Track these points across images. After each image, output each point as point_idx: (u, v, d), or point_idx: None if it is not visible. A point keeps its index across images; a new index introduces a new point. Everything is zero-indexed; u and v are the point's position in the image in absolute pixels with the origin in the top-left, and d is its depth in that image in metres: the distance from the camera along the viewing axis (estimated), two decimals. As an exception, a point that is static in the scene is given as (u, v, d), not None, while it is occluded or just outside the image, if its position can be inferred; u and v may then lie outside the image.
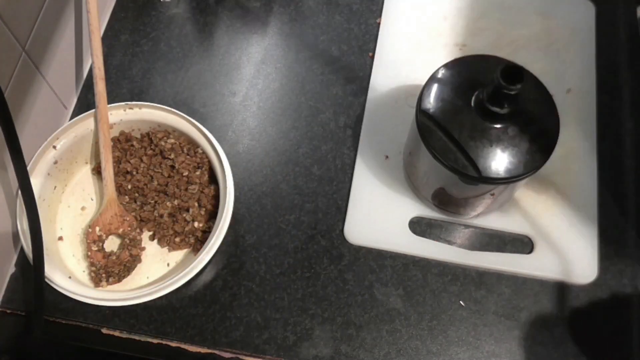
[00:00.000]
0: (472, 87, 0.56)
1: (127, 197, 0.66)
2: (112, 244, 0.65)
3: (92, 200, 0.68)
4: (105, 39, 0.76)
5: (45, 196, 0.64)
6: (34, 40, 0.61)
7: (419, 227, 0.65)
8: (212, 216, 0.64)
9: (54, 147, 0.64)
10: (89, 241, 0.63)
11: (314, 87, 0.73)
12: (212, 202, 0.65)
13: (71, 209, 0.67)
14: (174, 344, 0.61)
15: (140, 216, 0.65)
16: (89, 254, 0.63)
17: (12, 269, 0.64)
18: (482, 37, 0.74)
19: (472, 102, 0.55)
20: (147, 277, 0.64)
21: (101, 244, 0.64)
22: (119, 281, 0.63)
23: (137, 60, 0.75)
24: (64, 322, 0.62)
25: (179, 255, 0.65)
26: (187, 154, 0.66)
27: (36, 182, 0.62)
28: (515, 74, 0.50)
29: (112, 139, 0.67)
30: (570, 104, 0.70)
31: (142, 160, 0.67)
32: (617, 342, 0.59)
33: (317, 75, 0.74)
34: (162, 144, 0.67)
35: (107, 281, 0.62)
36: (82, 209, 0.67)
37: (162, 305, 0.62)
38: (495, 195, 0.58)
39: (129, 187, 0.66)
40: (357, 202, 0.66)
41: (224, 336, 0.61)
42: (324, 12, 0.78)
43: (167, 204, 0.65)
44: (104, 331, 0.62)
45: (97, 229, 0.64)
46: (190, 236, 0.64)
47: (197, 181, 0.65)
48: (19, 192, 0.58)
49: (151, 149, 0.67)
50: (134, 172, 0.66)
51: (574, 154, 0.67)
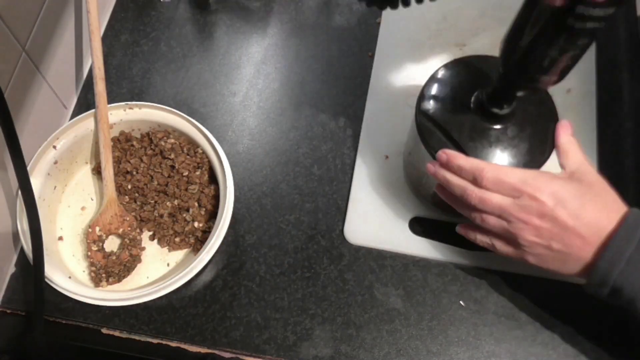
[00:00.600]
0: (471, 88, 0.56)
1: (127, 197, 0.66)
2: (112, 244, 0.65)
3: (92, 200, 0.68)
4: (105, 39, 0.76)
5: (45, 196, 0.64)
6: (34, 40, 0.61)
7: (419, 227, 0.65)
8: (212, 216, 0.64)
9: (54, 147, 0.64)
10: (89, 241, 0.63)
11: (314, 87, 0.73)
12: (212, 202, 0.65)
13: (71, 209, 0.67)
14: (174, 344, 0.61)
15: (140, 216, 0.65)
16: (89, 254, 0.63)
17: (12, 269, 0.64)
18: (482, 37, 0.74)
19: (472, 103, 0.55)
20: (147, 277, 0.64)
21: (101, 244, 0.64)
22: (119, 281, 0.63)
23: (137, 60, 0.75)
24: (64, 322, 0.62)
25: (179, 255, 0.65)
26: (187, 154, 0.66)
27: (36, 182, 0.62)
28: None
29: (112, 139, 0.67)
30: (570, 104, 0.70)
31: (142, 160, 0.67)
32: (616, 341, 0.59)
33: (317, 75, 0.74)
34: (162, 144, 0.67)
35: (107, 281, 0.62)
36: (82, 209, 0.67)
37: (162, 305, 0.62)
38: None
39: (129, 187, 0.66)
40: (357, 202, 0.66)
41: (224, 336, 0.61)
42: (324, 12, 0.78)
43: (167, 204, 0.65)
44: (104, 331, 0.62)
45: (97, 229, 0.64)
46: (190, 236, 0.64)
47: (197, 181, 0.65)
48: (19, 192, 0.58)
49: (151, 149, 0.67)
50: (134, 172, 0.67)
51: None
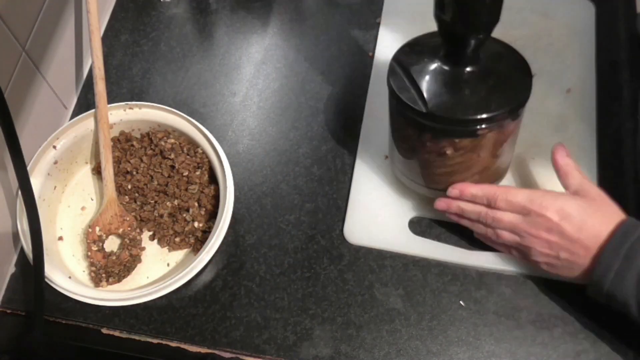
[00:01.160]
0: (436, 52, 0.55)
1: (127, 197, 0.66)
2: (112, 244, 0.65)
3: (92, 200, 0.68)
4: (105, 39, 0.76)
5: (45, 196, 0.64)
6: (34, 40, 0.61)
7: (419, 227, 0.65)
8: (212, 216, 0.64)
9: (54, 147, 0.64)
10: (89, 241, 0.63)
11: (314, 87, 0.73)
12: (212, 202, 0.65)
13: (71, 209, 0.67)
14: (174, 344, 0.61)
15: (140, 216, 0.65)
16: (89, 254, 0.63)
17: (12, 269, 0.64)
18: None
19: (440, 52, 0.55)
20: (147, 277, 0.64)
21: (101, 244, 0.64)
22: (119, 281, 0.63)
23: (137, 60, 0.75)
24: (64, 322, 0.62)
25: (179, 255, 0.65)
26: (187, 154, 0.66)
27: (36, 182, 0.62)
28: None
29: (112, 139, 0.67)
30: (570, 103, 0.70)
31: (142, 160, 0.67)
32: (616, 341, 0.59)
33: (317, 75, 0.74)
34: (162, 144, 0.67)
35: (107, 281, 0.62)
36: (82, 209, 0.67)
37: (162, 305, 0.62)
38: (456, 152, 0.56)
39: (129, 187, 0.66)
40: (356, 202, 0.66)
41: (224, 336, 0.61)
42: (324, 12, 0.78)
43: (167, 204, 0.65)
44: (104, 331, 0.62)
45: (97, 229, 0.64)
46: (190, 236, 0.64)
47: (197, 181, 0.65)
48: (19, 192, 0.58)
49: (151, 149, 0.67)
50: (134, 172, 0.67)
51: (574, 154, 0.66)
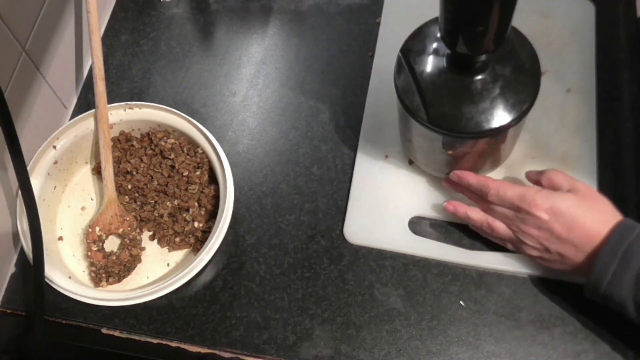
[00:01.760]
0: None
1: (127, 197, 0.66)
2: (112, 244, 0.65)
3: (92, 200, 0.68)
4: (105, 39, 0.76)
5: (45, 196, 0.64)
6: (34, 40, 0.61)
7: (418, 227, 0.65)
8: (212, 216, 0.64)
9: (54, 147, 0.64)
10: (89, 241, 0.63)
11: (314, 87, 0.73)
12: (212, 202, 0.65)
13: (71, 209, 0.67)
14: (174, 344, 0.61)
15: (140, 216, 0.65)
16: (89, 254, 0.63)
17: (12, 269, 0.64)
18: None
19: (445, 60, 0.55)
20: (147, 277, 0.64)
21: (101, 244, 0.64)
22: (119, 281, 0.63)
23: (137, 60, 0.75)
24: (64, 322, 0.62)
25: (179, 255, 0.65)
26: (187, 154, 0.66)
27: (36, 182, 0.62)
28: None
29: (112, 139, 0.67)
30: (570, 103, 0.70)
31: (142, 160, 0.67)
32: (616, 341, 0.59)
33: (317, 75, 0.74)
34: (162, 144, 0.67)
35: (107, 281, 0.62)
36: (82, 209, 0.67)
37: (162, 305, 0.62)
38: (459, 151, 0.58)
39: (129, 187, 0.66)
40: (356, 201, 0.66)
41: (224, 336, 0.61)
42: (324, 12, 0.78)
43: (167, 204, 0.65)
44: (104, 331, 0.62)
45: (97, 229, 0.64)
46: (190, 236, 0.64)
47: (197, 181, 0.65)
48: (19, 192, 0.58)
49: (151, 149, 0.67)
50: (134, 172, 0.67)
51: (574, 154, 0.67)
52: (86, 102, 0.73)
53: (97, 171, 0.68)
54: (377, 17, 0.77)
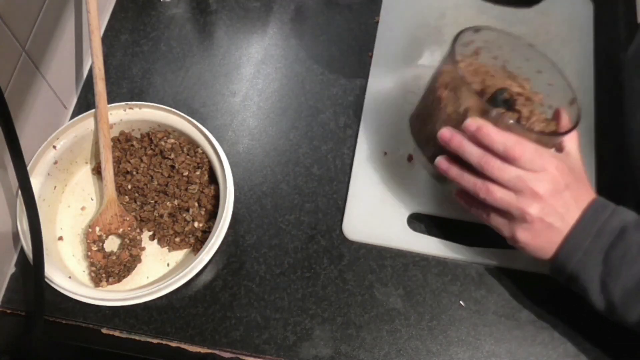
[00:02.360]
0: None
1: (127, 197, 0.66)
2: (112, 244, 0.65)
3: (92, 200, 0.68)
4: (105, 39, 0.76)
5: (45, 196, 0.64)
6: (34, 40, 0.61)
7: (417, 223, 0.65)
8: (212, 216, 0.64)
9: (54, 147, 0.64)
10: (89, 241, 0.63)
11: (314, 87, 0.73)
12: (212, 202, 0.65)
13: (71, 209, 0.67)
14: (174, 344, 0.61)
15: (140, 216, 0.65)
16: (89, 254, 0.63)
17: (12, 269, 0.64)
18: (480, 33, 0.74)
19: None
20: (147, 277, 0.64)
21: (101, 244, 0.64)
22: (119, 281, 0.63)
23: (137, 60, 0.75)
24: (64, 322, 0.62)
25: (179, 255, 0.65)
26: (187, 154, 0.66)
27: (36, 182, 0.62)
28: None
29: (112, 139, 0.67)
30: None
31: (142, 160, 0.67)
32: (616, 341, 0.59)
33: (317, 75, 0.74)
34: (162, 144, 0.67)
35: (107, 281, 0.62)
36: (82, 209, 0.67)
37: (162, 305, 0.62)
38: None
39: (129, 187, 0.66)
40: (355, 198, 0.66)
41: (224, 336, 0.61)
42: (324, 12, 0.78)
43: (167, 204, 0.65)
44: (104, 331, 0.62)
45: (97, 229, 0.64)
46: (190, 236, 0.64)
47: (197, 181, 0.65)
48: (19, 192, 0.58)
49: (151, 149, 0.67)
50: (134, 172, 0.67)
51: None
52: (86, 102, 0.73)
53: (97, 171, 0.68)
54: (376, 17, 0.77)
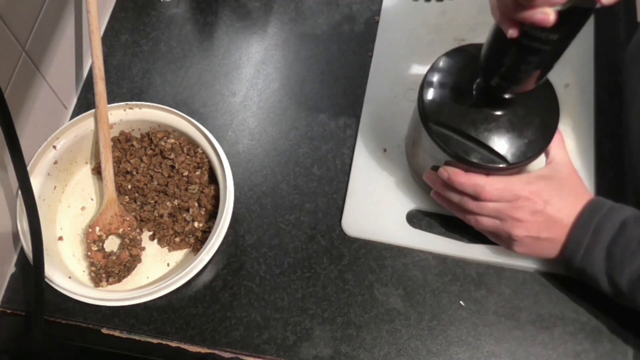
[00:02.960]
0: (472, 76, 0.56)
1: (127, 197, 0.66)
2: (112, 244, 0.65)
3: (92, 200, 0.68)
4: (105, 39, 0.76)
5: (45, 196, 0.64)
6: (34, 40, 0.61)
7: (416, 219, 0.65)
8: (212, 216, 0.64)
9: (54, 147, 0.64)
10: (89, 241, 0.63)
11: (314, 87, 0.73)
12: (212, 202, 0.65)
13: (71, 209, 0.67)
14: (174, 344, 0.61)
15: (140, 216, 0.65)
16: (89, 254, 0.63)
17: (12, 269, 0.64)
18: (481, 32, 0.74)
19: (474, 90, 0.55)
20: (147, 277, 0.64)
21: (101, 244, 0.64)
22: (119, 281, 0.63)
23: (137, 60, 0.75)
24: (64, 322, 0.62)
25: (179, 255, 0.65)
26: (187, 154, 0.66)
27: (36, 182, 0.62)
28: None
29: (112, 139, 0.67)
30: (568, 99, 0.70)
31: (142, 160, 0.67)
32: (616, 342, 0.59)
33: (317, 75, 0.74)
34: (162, 144, 0.67)
35: (107, 281, 0.62)
36: (82, 209, 0.67)
37: (162, 305, 0.62)
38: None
39: (129, 187, 0.66)
40: (355, 194, 0.66)
41: (224, 336, 0.61)
42: (324, 12, 0.78)
43: (167, 204, 0.65)
44: (104, 331, 0.62)
45: (97, 229, 0.64)
46: (190, 236, 0.64)
47: (197, 181, 0.65)
48: (19, 192, 0.58)
49: (151, 149, 0.67)
50: (134, 172, 0.67)
51: (571, 149, 0.67)
52: (86, 102, 0.73)
53: (97, 171, 0.68)
54: (376, 16, 0.77)
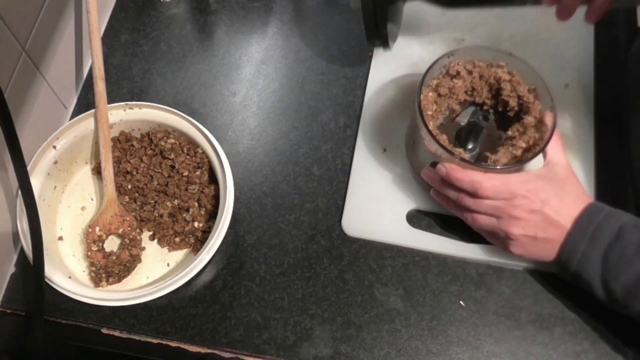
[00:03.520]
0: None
1: (127, 197, 0.66)
2: (112, 244, 0.65)
3: (92, 200, 0.68)
4: (105, 39, 0.76)
5: (45, 196, 0.64)
6: (34, 40, 0.61)
7: (416, 219, 0.65)
8: (212, 216, 0.64)
9: (54, 147, 0.64)
10: (89, 241, 0.63)
11: (314, 87, 0.73)
12: (212, 202, 0.65)
13: (71, 209, 0.67)
14: (174, 344, 0.61)
15: (140, 216, 0.65)
16: (89, 254, 0.63)
17: (12, 269, 0.64)
18: (481, 32, 0.75)
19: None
20: (147, 277, 0.64)
21: (101, 244, 0.64)
22: (119, 281, 0.63)
23: (137, 60, 0.75)
24: (64, 322, 0.62)
25: (179, 255, 0.65)
26: (187, 154, 0.66)
27: (36, 182, 0.62)
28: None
29: (112, 139, 0.67)
30: (568, 98, 0.70)
31: (142, 160, 0.67)
32: (616, 342, 0.59)
33: (317, 75, 0.74)
34: (162, 144, 0.67)
35: (107, 281, 0.62)
36: (82, 209, 0.67)
37: (162, 305, 0.62)
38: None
39: (129, 187, 0.66)
40: (355, 194, 0.66)
41: (224, 336, 0.61)
42: (324, 12, 0.78)
43: (167, 204, 0.65)
44: (104, 331, 0.62)
45: (97, 229, 0.64)
46: (190, 236, 0.64)
47: (197, 181, 0.65)
48: (19, 192, 0.58)
49: (151, 149, 0.67)
50: (134, 172, 0.67)
51: (571, 148, 0.67)
52: (86, 102, 0.73)
53: (97, 171, 0.68)
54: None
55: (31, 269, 0.58)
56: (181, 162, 0.66)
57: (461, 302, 0.61)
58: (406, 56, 0.73)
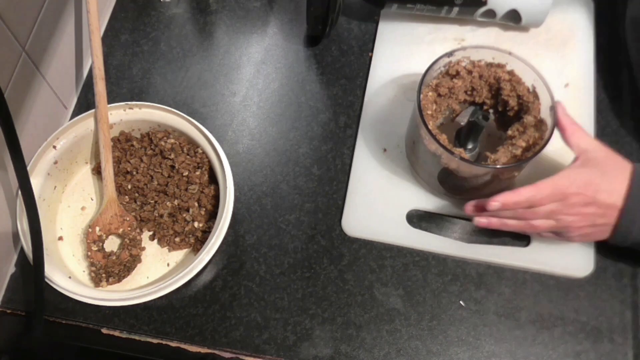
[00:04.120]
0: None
1: (127, 197, 0.66)
2: (112, 244, 0.65)
3: (92, 200, 0.68)
4: (105, 39, 0.76)
5: (45, 196, 0.64)
6: (34, 40, 0.61)
7: (416, 219, 0.65)
8: (212, 216, 0.64)
9: (54, 147, 0.64)
10: (89, 241, 0.63)
11: (314, 87, 0.73)
12: (212, 202, 0.65)
13: (71, 209, 0.67)
14: (174, 344, 0.61)
15: (140, 216, 0.65)
16: (89, 254, 0.63)
17: (12, 269, 0.64)
18: (481, 32, 0.75)
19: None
20: (147, 277, 0.64)
21: (101, 244, 0.64)
22: (119, 281, 0.63)
23: (137, 60, 0.75)
24: (64, 322, 0.62)
25: (179, 255, 0.65)
26: (187, 154, 0.66)
27: (36, 182, 0.62)
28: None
29: (112, 139, 0.67)
30: (568, 98, 0.70)
31: (142, 160, 0.67)
32: (616, 341, 0.59)
33: (317, 75, 0.74)
34: (162, 144, 0.67)
35: (107, 281, 0.62)
36: (82, 209, 0.67)
37: (162, 305, 0.62)
38: (496, 178, 0.60)
39: (129, 187, 0.66)
40: (355, 194, 0.66)
41: (224, 336, 0.61)
42: (324, 12, 0.78)
43: (167, 204, 0.65)
44: (104, 331, 0.62)
45: (97, 229, 0.64)
46: (190, 236, 0.64)
47: (197, 181, 0.65)
48: (19, 192, 0.58)
49: (151, 149, 0.67)
50: (134, 172, 0.67)
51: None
52: (86, 102, 0.73)
53: (97, 171, 0.68)
54: (375, 15, 0.77)
55: (31, 269, 0.58)
56: (181, 162, 0.66)
57: (461, 302, 0.61)
58: (406, 56, 0.74)
